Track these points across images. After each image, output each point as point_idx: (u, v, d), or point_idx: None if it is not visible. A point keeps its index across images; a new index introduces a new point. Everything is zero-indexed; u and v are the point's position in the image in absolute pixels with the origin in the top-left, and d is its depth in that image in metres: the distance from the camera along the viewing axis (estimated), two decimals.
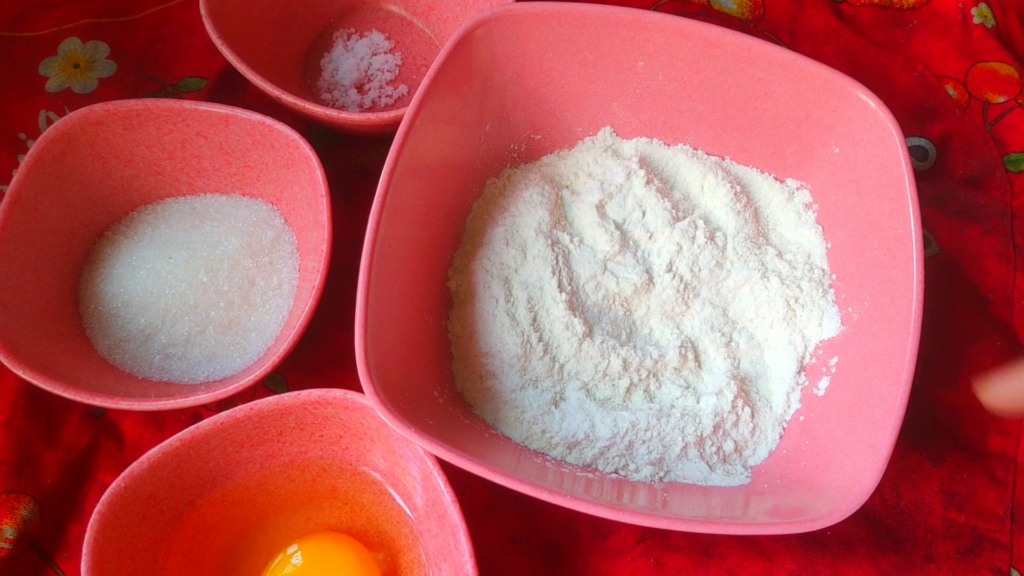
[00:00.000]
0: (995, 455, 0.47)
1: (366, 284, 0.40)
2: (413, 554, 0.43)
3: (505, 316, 0.46)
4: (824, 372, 0.45)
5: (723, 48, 0.46)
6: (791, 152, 0.49)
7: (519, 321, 0.45)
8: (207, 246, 0.49)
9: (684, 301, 0.47)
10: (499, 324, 0.45)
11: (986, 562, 0.45)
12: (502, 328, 0.45)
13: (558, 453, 0.44)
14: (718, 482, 0.43)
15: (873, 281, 0.45)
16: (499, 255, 0.47)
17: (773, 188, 0.50)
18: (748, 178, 0.51)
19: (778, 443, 0.45)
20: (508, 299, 0.46)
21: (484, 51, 0.46)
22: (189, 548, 0.42)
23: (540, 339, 0.45)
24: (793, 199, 0.50)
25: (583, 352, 0.45)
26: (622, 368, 0.45)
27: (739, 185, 0.50)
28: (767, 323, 0.47)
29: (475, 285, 0.47)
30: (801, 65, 0.46)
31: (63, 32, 0.56)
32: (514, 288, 0.46)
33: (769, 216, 0.50)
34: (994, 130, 0.55)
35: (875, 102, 0.44)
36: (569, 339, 0.45)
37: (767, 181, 0.50)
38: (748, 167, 0.51)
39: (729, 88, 0.48)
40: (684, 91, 0.49)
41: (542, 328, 0.46)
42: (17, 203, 0.46)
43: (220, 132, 0.49)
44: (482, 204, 0.50)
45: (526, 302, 0.46)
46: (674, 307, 0.47)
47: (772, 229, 0.50)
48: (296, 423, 0.43)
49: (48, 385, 0.42)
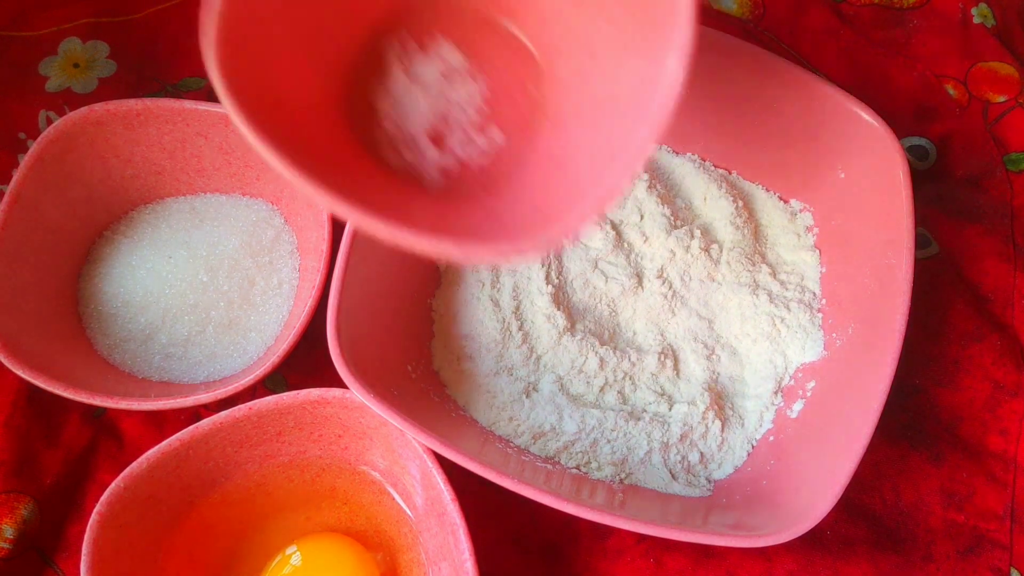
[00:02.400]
0: (995, 455, 0.47)
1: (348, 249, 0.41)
2: (413, 553, 0.43)
3: (488, 300, 0.46)
4: (800, 395, 0.46)
5: (738, 59, 0.46)
6: (797, 173, 0.49)
7: (502, 307, 0.46)
8: (207, 246, 0.49)
9: (671, 308, 0.47)
10: (481, 307, 0.46)
11: (986, 562, 0.45)
12: (484, 312, 0.46)
13: (523, 442, 0.44)
14: (678, 491, 0.44)
15: (861, 310, 0.45)
16: None
17: (776, 207, 0.50)
18: (753, 194, 0.51)
19: (745, 460, 0.45)
20: (495, 284, 0.47)
21: None
22: (188, 548, 0.42)
23: (520, 328, 0.46)
24: (795, 220, 0.50)
25: (562, 346, 0.45)
26: (599, 366, 0.45)
27: (742, 200, 0.50)
28: (751, 339, 0.47)
29: (464, 267, 0.47)
30: (813, 86, 0.46)
31: (63, 32, 0.56)
32: (502, 274, 0.47)
33: (769, 234, 0.50)
34: (994, 130, 0.55)
35: (885, 130, 0.44)
36: (549, 331, 0.45)
37: (771, 200, 0.50)
38: (754, 183, 0.51)
39: (741, 101, 0.48)
40: (696, 99, 0.48)
41: (524, 317, 0.46)
42: (17, 203, 0.46)
43: (220, 131, 0.49)
44: None
45: (512, 289, 0.46)
46: (660, 313, 0.47)
47: (770, 248, 0.50)
48: (295, 423, 0.43)
49: (48, 385, 0.42)
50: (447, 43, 0.36)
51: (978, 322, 0.50)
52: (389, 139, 0.35)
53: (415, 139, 0.35)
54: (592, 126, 0.34)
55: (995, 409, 0.48)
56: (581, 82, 0.35)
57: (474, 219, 0.33)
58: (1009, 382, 0.48)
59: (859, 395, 0.42)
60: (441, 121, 0.36)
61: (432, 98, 0.36)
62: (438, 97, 0.36)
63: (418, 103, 0.36)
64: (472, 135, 0.36)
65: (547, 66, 0.36)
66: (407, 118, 0.36)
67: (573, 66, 0.35)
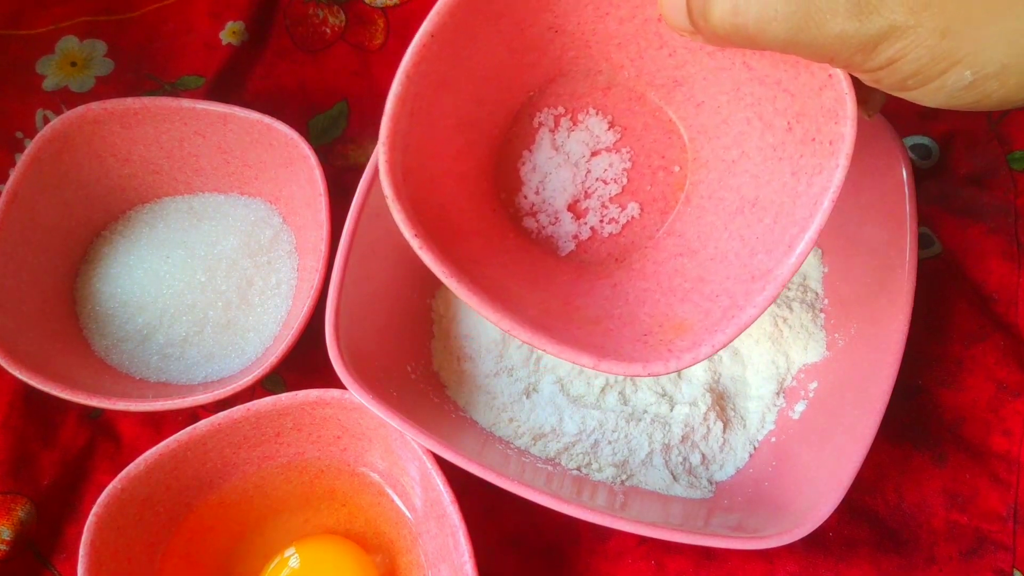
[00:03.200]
0: (998, 456, 0.47)
1: (347, 248, 0.41)
2: (412, 555, 0.43)
3: None
4: (802, 396, 0.45)
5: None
6: None
7: None
8: (205, 245, 0.48)
9: None
10: None
11: (989, 563, 0.45)
12: None
13: (523, 443, 0.44)
14: (680, 493, 0.43)
15: (863, 310, 0.45)
16: None
17: None
18: None
19: (747, 461, 0.45)
20: None
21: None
22: (186, 550, 0.42)
23: None
24: None
25: None
26: None
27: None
28: (752, 340, 0.47)
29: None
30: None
31: (60, 30, 0.56)
32: None
33: None
34: (998, 128, 0.54)
35: (887, 129, 0.44)
36: None
37: None
38: None
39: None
40: None
41: None
42: (14, 202, 0.45)
43: (218, 131, 0.48)
44: None
45: None
46: None
47: None
48: (294, 424, 0.42)
49: (45, 385, 0.42)
50: (597, 116, 0.38)
51: (981, 322, 0.49)
52: (530, 207, 0.38)
53: (556, 210, 0.38)
54: (730, 219, 0.35)
55: (998, 409, 0.47)
56: (726, 174, 0.36)
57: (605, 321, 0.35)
58: (1013, 382, 0.48)
59: (862, 396, 0.42)
60: (581, 192, 0.38)
61: (576, 169, 0.37)
62: (582, 169, 0.38)
63: (562, 174, 0.38)
64: (609, 205, 0.38)
65: (694, 151, 0.37)
66: (550, 188, 0.38)
67: (720, 156, 0.36)
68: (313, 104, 0.55)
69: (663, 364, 0.32)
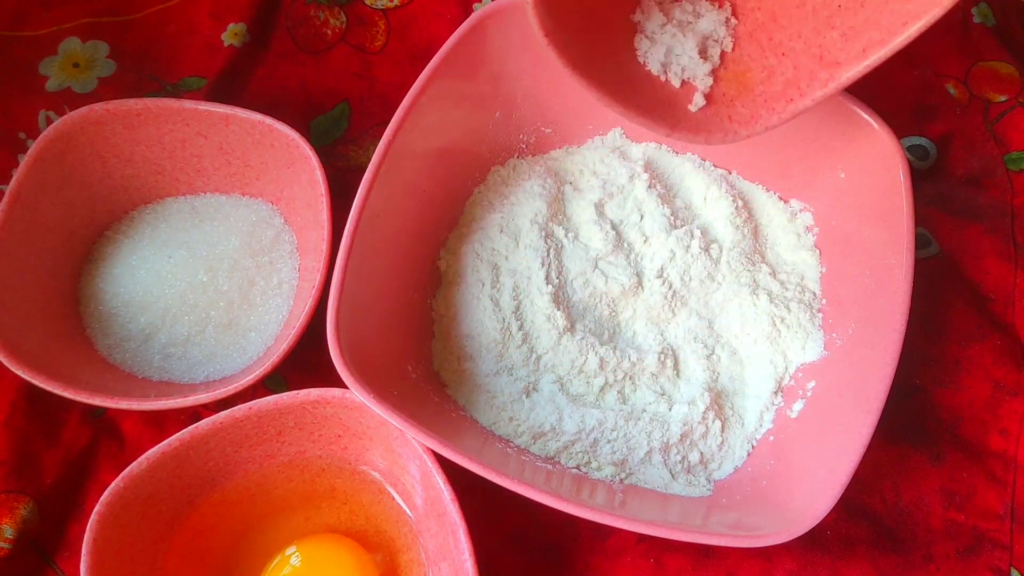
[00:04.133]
0: (995, 454, 0.47)
1: (348, 248, 0.42)
2: (412, 553, 0.43)
3: (488, 301, 0.46)
4: (800, 395, 0.45)
5: None
6: (798, 173, 0.49)
7: (502, 307, 0.46)
8: (207, 246, 0.49)
9: (671, 308, 0.47)
10: (481, 308, 0.46)
11: (986, 562, 0.45)
12: (484, 312, 0.46)
13: (523, 442, 0.44)
14: (679, 491, 0.44)
15: (861, 310, 0.45)
16: (492, 241, 0.47)
17: (776, 207, 0.50)
18: (752, 194, 0.50)
19: (745, 460, 0.45)
20: (495, 285, 0.46)
21: (499, 38, 0.46)
22: (188, 548, 0.42)
23: (520, 328, 0.46)
24: (795, 220, 0.50)
25: (562, 346, 0.45)
26: (599, 366, 0.45)
27: (742, 200, 0.50)
28: (751, 339, 0.47)
29: (464, 267, 0.47)
30: None
31: (63, 31, 0.56)
32: (502, 275, 0.47)
33: (768, 234, 0.50)
34: (995, 129, 0.55)
35: (884, 130, 0.44)
36: (549, 331, 0.45)
37: (771, 200, 0.50)
38: (754, 184, 0.51)
39: None
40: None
41: (524, 317, 0.46)
42: (17, 203, 0.46)
43: (220, 131, 0.49)
44: (483, 190, 0.50)
45: (512, 289, 0.46)
46: (660, 313, 0.47)
47: (770, 248, 0.50)
48: (295, 423, 0.43)
49: (48, 384, 0.42)
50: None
51: (979, 322, 0.49)
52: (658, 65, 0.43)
53: (667, 68, 0.42)
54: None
55: (995, 409, 0.48)
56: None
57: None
58: (1009, 382, 0.48)
59: (859, 395, 0.42)
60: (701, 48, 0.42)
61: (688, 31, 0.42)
62: (691, 31, 0.42)
63: (677, 38, 0.42)
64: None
65: None
66: (665, 52, 0.42)
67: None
68: (314, 105, 0.55)
69: (722, 136, 0.40)
